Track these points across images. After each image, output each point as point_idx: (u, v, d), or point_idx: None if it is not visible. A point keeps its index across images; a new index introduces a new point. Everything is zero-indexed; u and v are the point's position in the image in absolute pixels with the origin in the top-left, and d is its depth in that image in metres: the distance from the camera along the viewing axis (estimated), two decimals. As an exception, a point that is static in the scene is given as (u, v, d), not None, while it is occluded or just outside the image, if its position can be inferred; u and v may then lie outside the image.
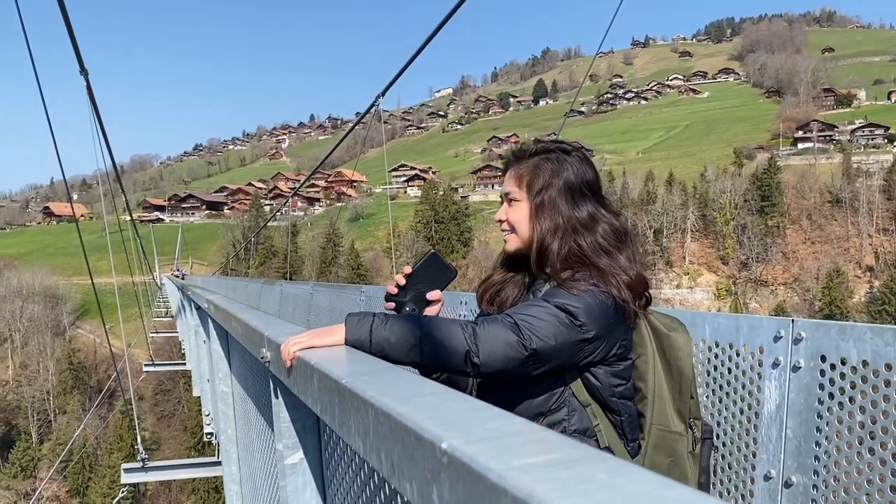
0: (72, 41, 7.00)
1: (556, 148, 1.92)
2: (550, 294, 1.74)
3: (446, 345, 1.55)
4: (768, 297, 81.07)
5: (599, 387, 1.77)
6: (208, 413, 7.67)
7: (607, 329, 1.72)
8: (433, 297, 1.89)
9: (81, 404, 68.62)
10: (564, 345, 1.66)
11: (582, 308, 1.68)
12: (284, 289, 12.92)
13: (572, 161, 1.89)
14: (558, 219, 1.84)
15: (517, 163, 1.94)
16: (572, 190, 1.86)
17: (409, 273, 1.88)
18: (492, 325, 1.60)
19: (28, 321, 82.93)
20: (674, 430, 1.85)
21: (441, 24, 8.06)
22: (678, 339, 1.90)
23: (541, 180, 1.87)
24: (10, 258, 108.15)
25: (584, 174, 1.89)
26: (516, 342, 1.59)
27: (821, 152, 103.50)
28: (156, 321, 33.19)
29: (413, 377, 1.02)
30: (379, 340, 1.53)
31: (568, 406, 1.76)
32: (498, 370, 1.59)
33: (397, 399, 0.81)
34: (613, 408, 1.79)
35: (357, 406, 0.90)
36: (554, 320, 1.64)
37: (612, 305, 1.73)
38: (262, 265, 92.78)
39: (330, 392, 1.07)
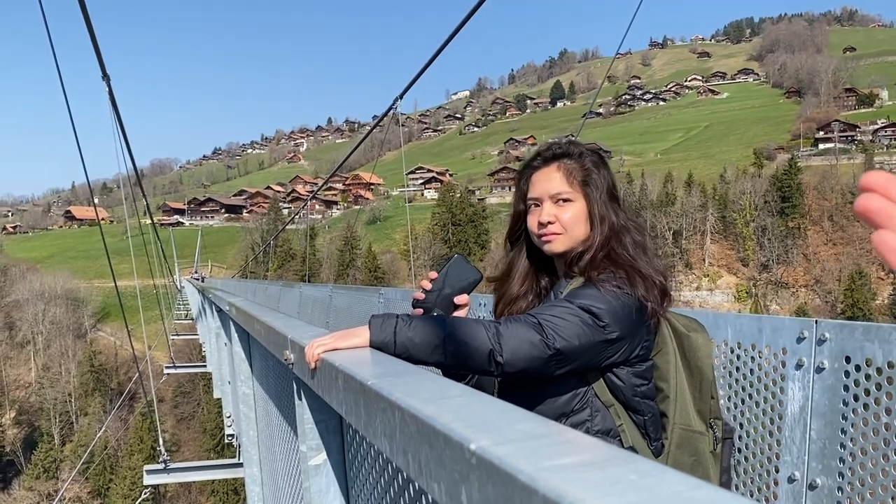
0: (94, 48, 7.08)
1: (594, 151, 1.95)
2: (574, 294, 1.73)
3: (470, 344, 1.55)
4: (789, 300, 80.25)
5: (622, 387, 1.77)
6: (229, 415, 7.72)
7: (630, 330, 1.72)
8: (461, 301, 1.88)
9: (102, 406, 69.30)
10: (587, 345, 1.65)
11: (606, 309, 1.68)
12: (303, 291, 12.97)
13: (607, 167, 1.94)
14: (612, 219, 1.85)
15: (564, 161, 1.91)
16: (611, 193, 1.89)
17: (435, 278, 1.88)
18: (515, 324, 1.60)
19: (50, 324, 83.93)
20: (696, 429, 1.85)
21: (458, 28, 8.08)
22: (698, 340, 1.90)
23: (599, 181, 1.88)
24: (32, 262, 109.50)
25: (614, 180, 1.93)
26: (539, 341, 1.59)
27: (842, 153, 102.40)
28: (176, 324, 33.44)
29: (439, 379, 1.02)
30: (403, 341, 1.52)
31: (591, 406, 1.77)
32: (521, 369, 1.59)
33: (424, 400, 0.81)
34: (636, 408, 1.79)
35: (383, 407, 0.91)
36: (577, 321, 1.64)
37: (636, 307, 1.73)
38: (280, 268, 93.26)
39: (355, 393, 1.08)
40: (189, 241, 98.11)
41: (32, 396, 77.90)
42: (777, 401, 2.76)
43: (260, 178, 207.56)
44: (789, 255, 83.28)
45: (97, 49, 7.16)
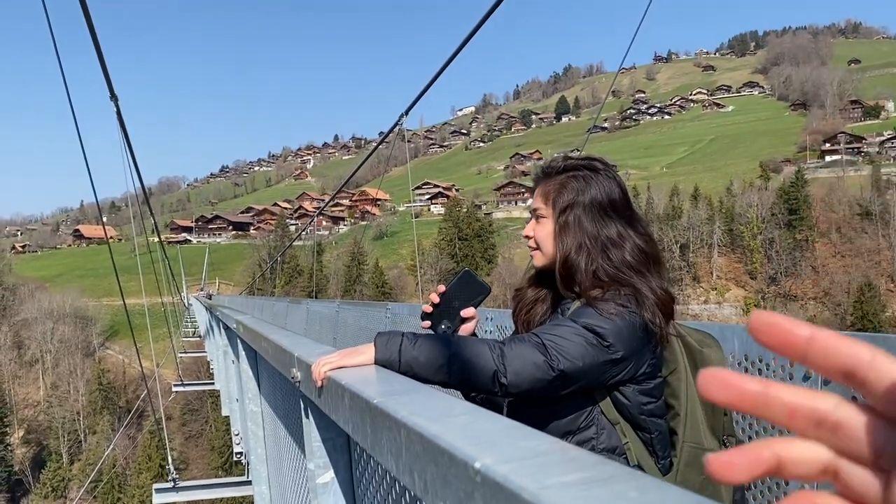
0: (102, 68, 7.16)
1: (584, 165, 1.92)
2: (578, 314, 1.73)
3: (474, 364, 1.55)
4: (798, 312, 79.79)
5: (628, 405, 1.76)
6: (237, 432, 7.71)
7: (635, 350, 1.72)
8: (468, 315, 1.90)
9: (111, 425, 69.26)
10: (592, 365, 1.66)
11: (610, 329, 1.67)
12: (310, 307, 12.97)
13: (600, 179, 1.89)
14: (582, 237, 1.84)
15: (545, 179, 1.95)
16: (599, 208, 1.86)
17: (443, 292, 1.90)
18: (519, 345, 1.60)
19: (59, 342, 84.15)
20: (707, 447, 1.83)
21: (463, 44, 8.12)
22: (711, 356, 1.90)
23: (566, 198, 1.88)
24: (41, 280, 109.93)
25: (611, 192, 1.88)
26: (543, 362, 1.59)
27: (849, 164, 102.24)
28: (184, 341, 33.46)
29: (444, 397, 1.02)
30: (408, 360, 1.53)
31: (597, 424, 1.76)
32: (525, 390, 1.60)
33: (429, 419, 0.82)
34: (643, 425, 1.78)
35: (389, 426, 0.91)
36: (581, 341, 1.64)
37: (641, 326, 1.73)
38: (287, 284, 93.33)
39: (361, 412, 1.08)
40: (197, 258, 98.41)
41: (41, 415, 77.97)
42: (785, 414, 2.74)
43: (267, 195, 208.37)
44: (797, 267, 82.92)
45: (105, 70, 7.23)
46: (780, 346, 0.35)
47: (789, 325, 0.35)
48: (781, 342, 0.35)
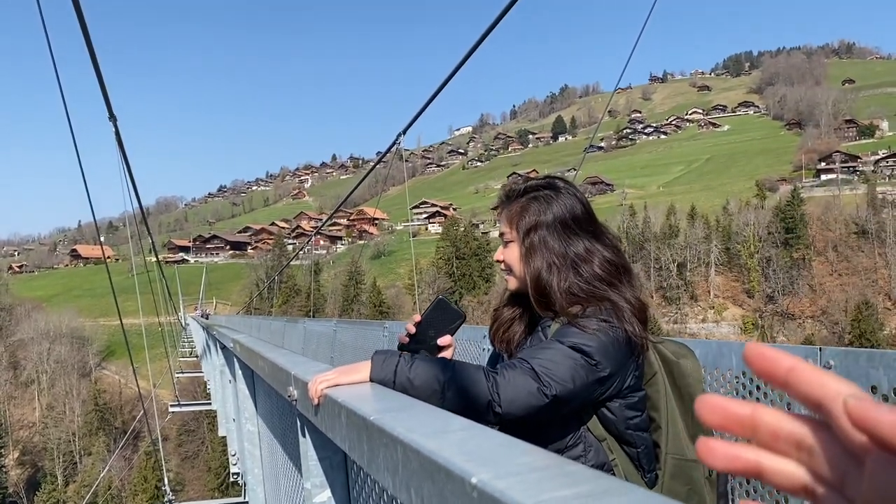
0: (102, 89, 7.20)
1: (544, 185, 1.93)
2: (563, 334, 1.73)
3: (469, 392, 1.55)
4: (796, 331, 79.75)
5: (615, 420, 1.77)
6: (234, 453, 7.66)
7: (621, 364, 1.73)
8: (444, 343, 1.89)
9: (107, 445, 68.79)
10: (583, 386, 1.66)
11: (596, 346, 1.68)
12: (308, 326, 12.95)
13: (561, 197, 1.90)
14: (550, 256, 1.85)
15: (508, 203, 1.96)
16: (563, 226, 1.87)
17: (419, 321, 1.89)
18: (511, 372, 1.60)
19: (55, 363, 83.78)
20: (689, 457, 1.84)
21: (460, 65, 8.18)
22: (688, 366, 1.91)
23: (529, 220, 1.89)
24: (38, 301, 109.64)
25: (573, 209, 1.89)
26: (537, 390, 1.59)
27: (844, 183, 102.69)
28: (181, 361, 33.34)
29: (441, 412, 1.03)
30: (402, 382, 1.52)
31: (584, 442, 1.76)
32: (520, 417, 1.59)
33: (426, 435, 0.81)
34: (629, 440, 1.79)
35: (386, 442, 0.91)
36: (571, 363, 1.64)
37: (625, 339, 1.74)
38: (285, 304, 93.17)
39: (358, 429, 1.08)
40: (194, 278, 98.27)
41: (36, 436, 77.44)
42: (784, 431, 2.74)
43: (265, 214, 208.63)
44: (795, 286, 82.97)
45: (104, 91, 7.27)
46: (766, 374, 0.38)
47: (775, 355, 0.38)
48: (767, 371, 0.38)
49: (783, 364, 0.37)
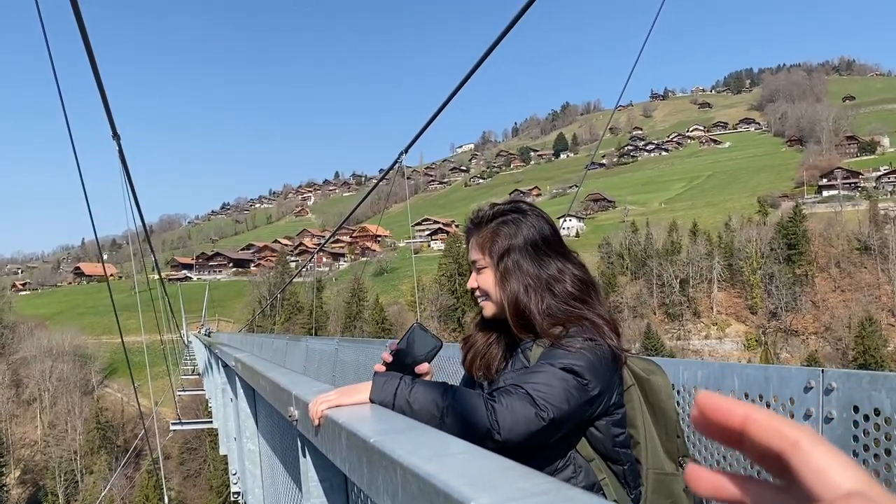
0: (105, 108, 7.25)
1: (512, 209, 1.94)
2: (551, 356, 1.73)
3: (468, 419, 1.54)
4: (799, 347, 79.45)
5: (602, 438, 1.77)
6: (235, 472, 7.62)
7: (608, 380, 1.75)
8: (421, 371, 1.88)
9: (108, 464, 68.47)
10: (577, 406, 1.67)
11: (585, 365, 1.69)
12: (310, 345, 12.92)
13: (529, 219, 1.91)
14: (526, 279, 1.86)
15: (476, 230, 1.97)
16: (535, 248, 1.89)
17: (396, 349, 1.89)
18: (508, 399, 1.59)
19: (57, 381, 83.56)
20: (668, 471, 1.86)
21: (462, 83, 8.22)
22: (658, 382, 1.92)
23: (501, 244, 1.89)
24: (41, 318, 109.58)
25: (542, 231, 1.90)
26: (535, 415, 1.58)
27: (846, 199, 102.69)
28: (183, 379, 33.24)
29: (440, 435, 1.02)
30: (401, 405, 1.53)
31: (574, 463, 1.76)
32: (519, 443, 1.59)
33: (425, 458, 0.81)
34: (616, 458, 1.79)
35: (385, 465, 0.90)
36: (563, 384, 1.65)
37: (609, 354, 1.76)
38: (287, 321, 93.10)
39: (358, 451, 1.07)
40: (197, 295, 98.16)
41: (38, 455, 77.09)
42: (787, 452, 2.72)
43: (268, 232, 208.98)
44: (798, 302, 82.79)
45: (108, 110, 7.32)
46: (719, 428, 0.36)
47: (728, 405, 0.36)
48: (720, 423, 0.36)
49: (737, 413, 0.35)
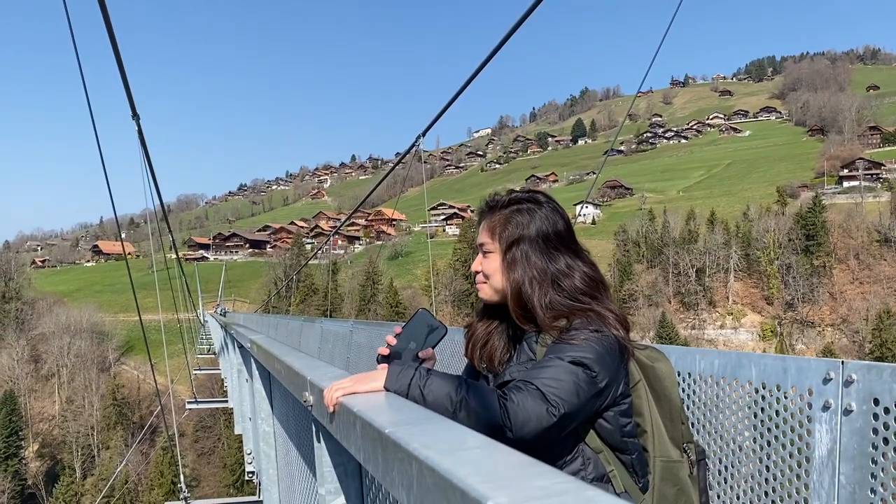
0: (125, 88, 7.26)
1: (528, 199, 1.92)
2: (558, 350, 1.72)
3: (481, 416, 1.54)
4: (815, 339, 78.92)
5: (610, 429, 1.77)
6: (250, 451, 7.69)
7: (615, 371, 1.74)
8: (425, 356, 1.89)
9: (124, 440, 69.42)
10: (586, 400, 1.67)
11: (594, 358, 1.68)
12: (325, 326, 12.97)
13: (544, 212, 1.90)
14: (531, 271, 1.85)
15: (490, 214, 1.96)
16: (544, 241, 1.87)
17: (400, 332, 1.89)
18: (519, 395, 1.59)
19: (75, 357, 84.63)
20: (674, 458, 1.87)
21: (480, 67, 8.18)
22: (663, 369, 1.92)
23: (512, 232, 1.88)
24: (59, 295, 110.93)
25: (555, 225, 1.89)
26: (546, 411, 1.58)
27: (867, 190, 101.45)
28: (199, 358, 33.53)
29: (457, 427, 1.01)
30: (415, 396, 1.53)
31: (582, 455, 1.76)
32: (530, 440, 1.58)
33: (442, 452, 0.79)
34: (624, 448, 1.79)
35: (401, 458, 0.89)
36: (573, 378, 1.64)
37: (616, 345, 1.75)
38: (302, 302, 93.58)
39: (373, 441, 1.06)
40: (213, 275, 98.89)
41: (56, 429, 78.29)
42: (804, 443, 2.70)
43: (284, 213, 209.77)
44: (815, 293, 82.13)
45: (128, 89, 7.34)
46: None
47: None
48: None
49: None
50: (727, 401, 3.15)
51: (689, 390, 3.35)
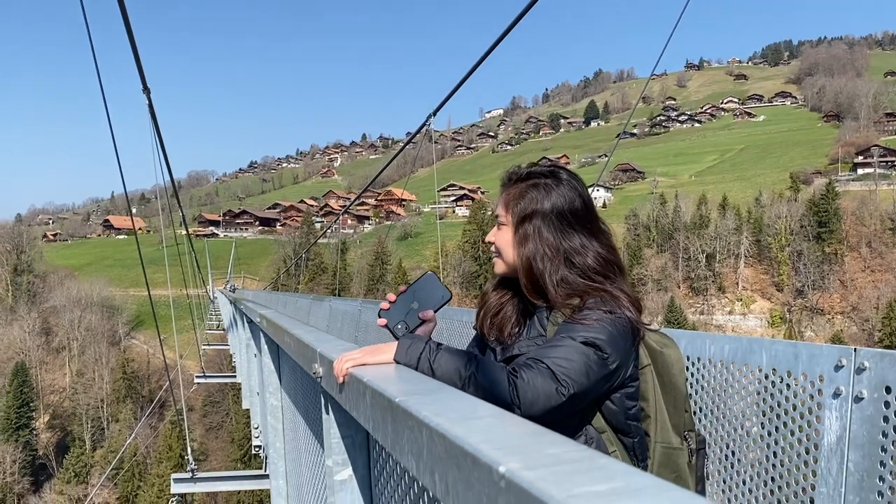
0: (136, 61, 7.23)
1: (547, 174, 1.90)
2: (570, 329, 1.71)
3: (489, 391, 1.54)
4: (824, 326, 78.68)
5: (616, 411, 1.77)
6: (257, 426, 7.75)
7: (626, 353, 1.74)
8: (425, 317, 1.89)
9: (133, 413, 70.18)
10: (596, 381, 1.66)
11: (606, 339, 1.68)
12: (333, 305, 13.01)
13: (562, 188, 1.87)
14: (542, 247, 1.83)
15: (508, 186, 1.94)
16: (560, 218, 1.85)
17: (404, 291, 1.90)
18: (529, 373, 1.59)
19: (85, 330, 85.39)
20: (675, 445, 1.87)
21: (493, 46, 8.12)
22: (671, 356, 1.90)
23: (525, 206, 1.87)
24: (70, 269, 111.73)
25: (572, 202, 1.86)
26: (555, 390, 1.58)
27: (882, 178, 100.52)
28: (207, 333, 33.74)
29: (467, 398, 1.01)
30: (424, 370, 1.54)
31: (586, 435, 1.76)
32: (538, 418, 1.57)
33: (452, 420, 0.80)
34: (627, 431, 1.79)
35: (411, 425, 0.89)
36: (584, 359, 1.64)
37: (628, 327, 1.74)
38: (311, 281, 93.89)
39: (383, 410, 1.07)
40: (223, 252, 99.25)
41: (66, 401, 79.20)
42: (813, 430, 2.69)
43: (294, 192, 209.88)
44: (825, 281, 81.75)
45: (139, 62, 7.31)
46: None
47: None
48: None
49: None
50: (736, 386, 3.13)
51: (699, 374, 3.34)
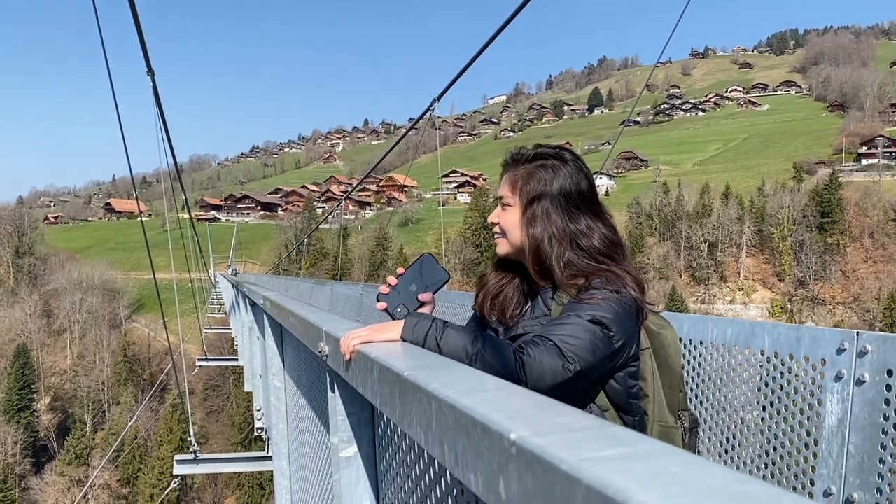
0: (141, 43, 7.21)
1: (553, 154, 1.92)
2: (577, 307, 1.72)
3: (496, 368, 1.55)
4: (825, 317, 78.71)
5: (619, 390, 1.79)
6: (260, 408, 7.79)
7: (631, 332, 1.76)
8: (424, 299, 1.91)
9: (134, 396, 70.43)
10: (601, 359, 1.68)
11: (612, 318, 1.69)
12: (335, 289, 13.04)
13: (569, 169, 1.89)
14: (551, 228, 1.85)
15: (513, 167, 1.95)
16: (566, 199, 1.86)
17: (402, 274, 1.91)
18: (536, 350, 1.60)
19: (87, 313, 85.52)
20: (670, 424, 1.90)
21: (497, 33, 8.08)
22: (668, 337, 1.93)
23: (534, 187, 1.88)
24: (72, 251, 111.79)
25: (579, 184, 1.88)
26: (562, 367, 1.60)
27: (886, 169, 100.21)
28: (209, 317, 33.80)
29: (475, 372, 1.03)
30: (431, 347, 1.55)
31: (591, 413, 1.77)
32: (544, 394, 1.59)
33: (461, 392, 0.81)
34: (628, 409, 1.81)
35: (420, 398, 0.90)
36: (590, 336, 1.65)
37: (634, 306, 1.76)
38: (312, 266, 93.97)
39: (391, 384, 1.08)
40: (225, 236, 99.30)
41: (67, 384, 79.48)
42: (814, 413, 2.71)
43: (296, 177, 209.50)
44: (827, 271, 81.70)
45: (143, 45, 7.29)
46: None
47: None
48: None
49: None
50: (738, 369, 3.14)
51: (700, 358, 3.34)
